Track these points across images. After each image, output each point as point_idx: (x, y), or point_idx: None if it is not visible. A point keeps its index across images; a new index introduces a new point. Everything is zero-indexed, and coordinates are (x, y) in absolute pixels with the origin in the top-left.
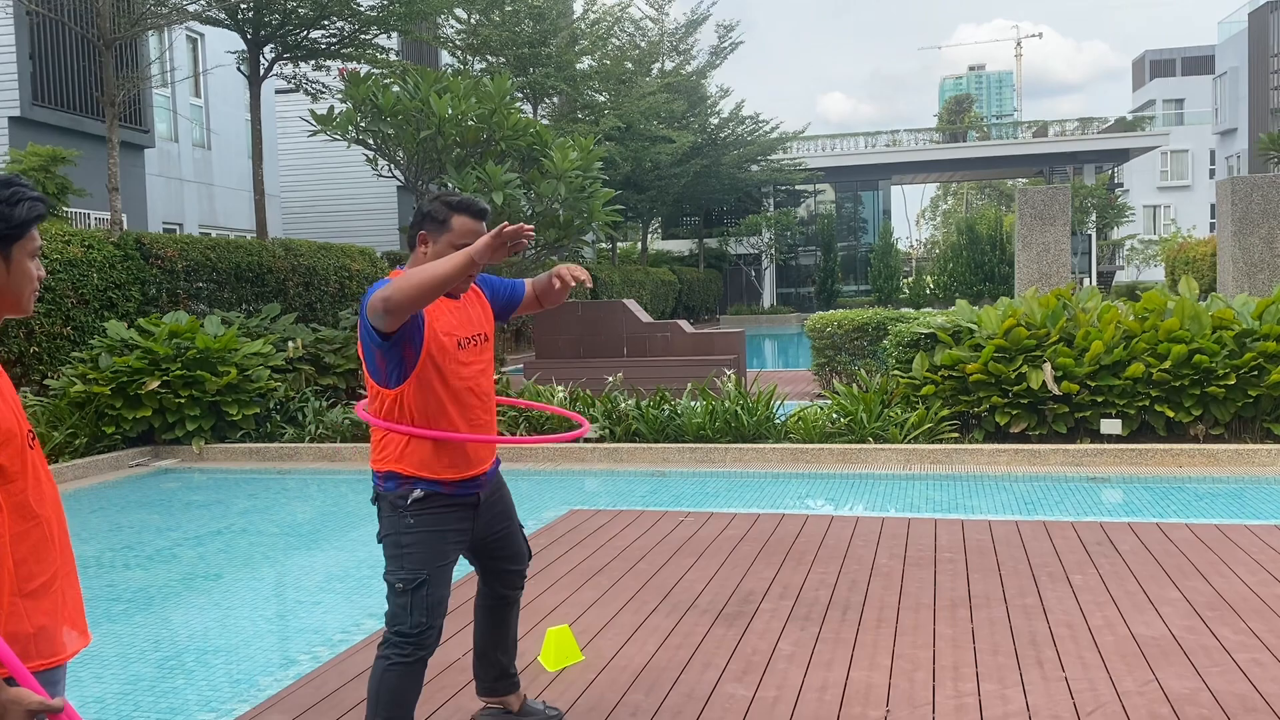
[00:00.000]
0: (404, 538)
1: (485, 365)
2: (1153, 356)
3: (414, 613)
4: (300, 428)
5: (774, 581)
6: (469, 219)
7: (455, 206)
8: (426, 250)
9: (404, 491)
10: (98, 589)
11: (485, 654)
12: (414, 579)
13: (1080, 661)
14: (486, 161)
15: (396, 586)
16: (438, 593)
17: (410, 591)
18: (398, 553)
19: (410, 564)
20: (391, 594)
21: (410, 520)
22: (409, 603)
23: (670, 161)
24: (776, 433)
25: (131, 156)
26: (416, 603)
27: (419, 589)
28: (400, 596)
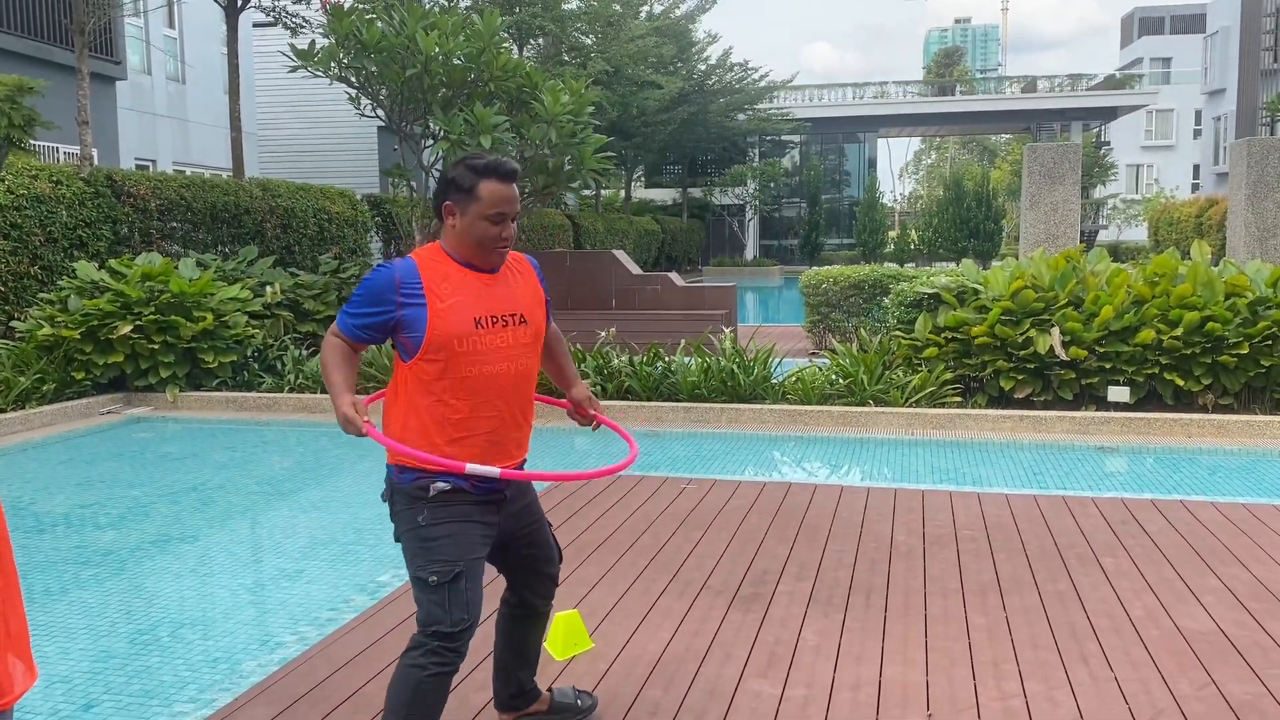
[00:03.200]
0: (430, 530)
1: (517, 353)
2: (1164, 323)
3: (453, 609)
4: (279, 377)
5: (789, 559)
6: (497, 183)
7: (482, 170)
8: (455, 223)
9: (424, 484)
10: (66, 550)
11: (505, 669)
12: (449, 571)
13: (1128, 659)
14: (474, 103)
15: (430, 581)
16: (475, 587)
17: (446, 585)
18: (425, 546)
19: (441, 556)
20: (424, 591)
21: (430, 514)
22: (445, 598)
23: (657, 108)
24: (774, 393)
25: (102, 89)
26: (455, 597)
27: (455, 581)
28: (435, 592)
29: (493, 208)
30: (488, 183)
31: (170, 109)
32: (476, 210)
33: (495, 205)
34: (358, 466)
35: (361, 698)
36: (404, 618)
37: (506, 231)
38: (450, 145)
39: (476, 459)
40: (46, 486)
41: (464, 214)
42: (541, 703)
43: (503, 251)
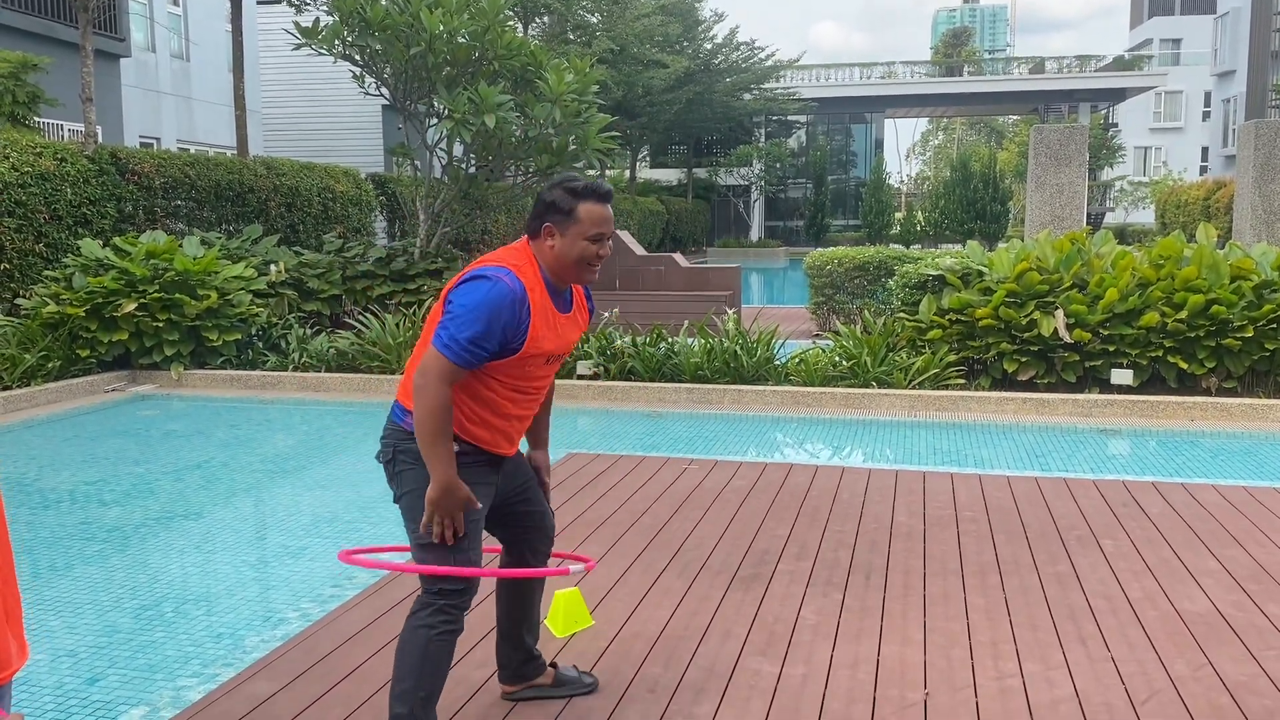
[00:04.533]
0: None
1: (547, 384)
2: (1168, 306)
3: (457, 565)
4: (283, 355)
5: (789, 540)
6: (595, 204)
7: (580, 193)
8: (554, 244)
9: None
10: (71, 526)
11: (509, 635)
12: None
13: (1125, 640)
14: (478, 82)
15: (435, 539)
16: (477, 545)
17: (445, 549)
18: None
19: None
20: (427, 552)
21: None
22: (452, 554)
23: (663, 87)
24: (777, 375)
25: (106, 66)
26: (459, 557)
27: (459, 542)
28: (436, 549)
29: (593, 228)
30: (586, 204)
31: (174, 87)
32: (576, 231)
33: (595, 226)
34: (361, 445)
35: (364, 672)
36: (407, 594)
37: (604, 250)
38: (454, 124)
39: (488, 444)
40: (51, 463)
41: (563, 235)
42: (546, 676)
43: (595, 269)
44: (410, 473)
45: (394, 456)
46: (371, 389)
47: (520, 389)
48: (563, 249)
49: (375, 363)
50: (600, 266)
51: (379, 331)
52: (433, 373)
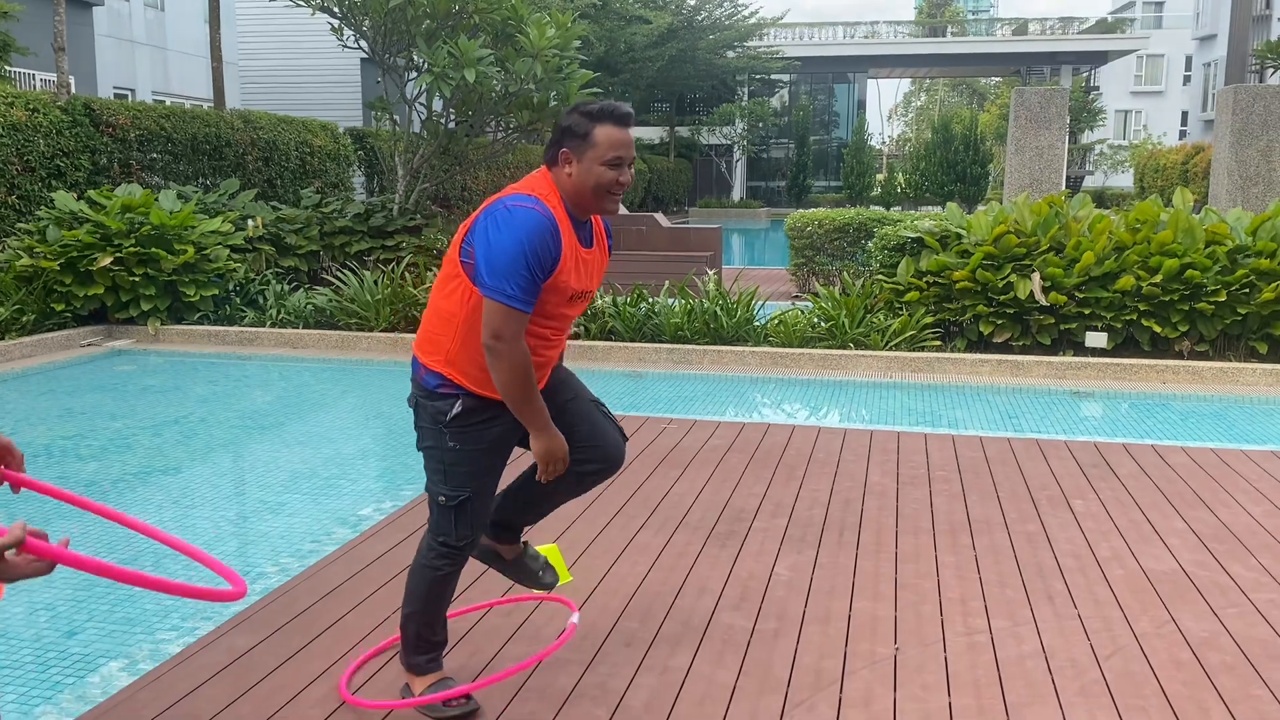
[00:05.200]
0: (447, 456)
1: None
2: (1144, 269)
3: (459, 526)
4: (261, 311)
5: (765, 498)
6: (613, 127)
7: (596, 115)
8: (571, 170)
9: (444, 406)
10: (47, 480)
11: (506, 509)
12: (457, 495)
13: (1092, 598)
14: (458, 36)
15: (439, 500)
16: (483, 506)
17: (454, 508)
18: (440, 469)
19: (454, 482)
20: (435, 506)
21: (452, 443)
22: (454, 518)
23: (645, 43)
24: (756, 335)
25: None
26: (461, 518)
27: (463, 505)
28: (443, 511)
29: (610, 151)
30: (603, 127)
31: (149, 37)
32: (593, 156)
33: (613, 149)
34: (341, 402)
35: (342, 627)
36: (391, 545)
37: (624, 176)
38: (434, 78)
39: None
40: (27, 418)
41: (580, 161)
42: (512, 549)
43: (617, 198)
44: (429, 430)
45: (415, 409)
46: (349, 346)
47: (540, 334)
48: (580, 176)
49: (353, 319)
50: (621, 195)
51: (357, 288)
52: (503, 329)
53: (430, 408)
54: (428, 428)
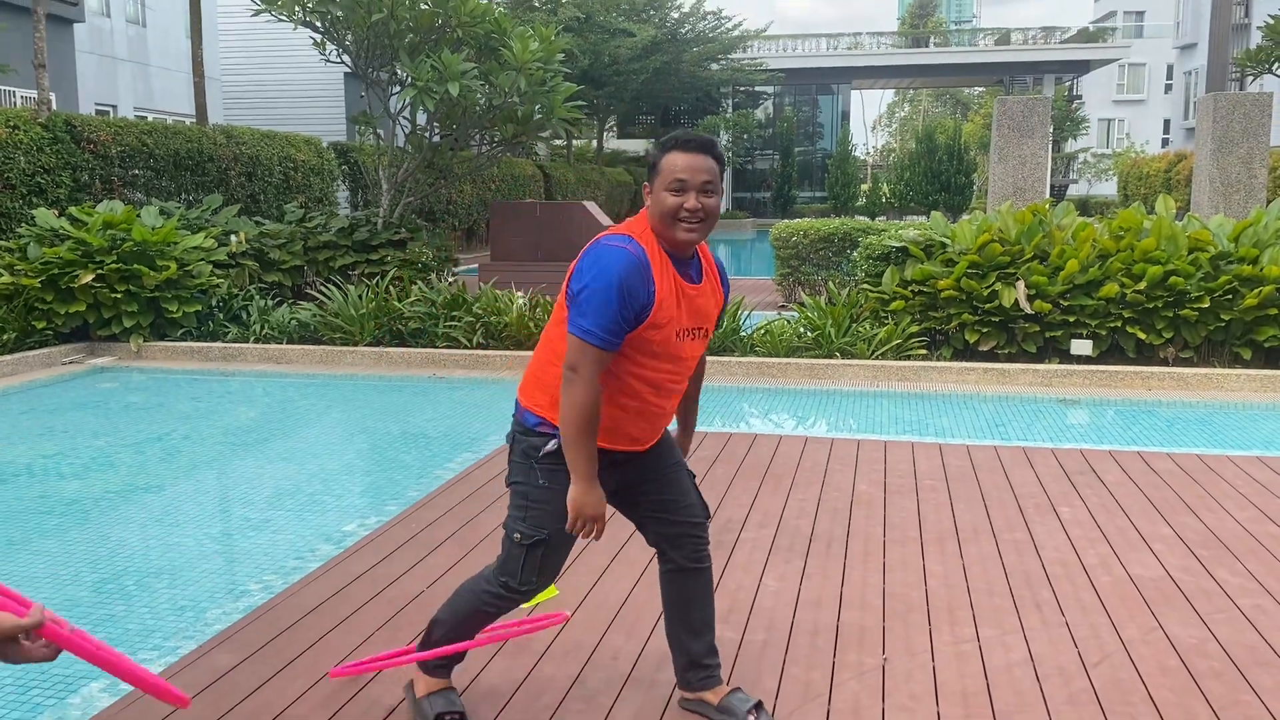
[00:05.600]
0: (532, 492)
1: (694, 362)
2: (1127, 277)
3: (525, 570)
4: (244, 327)
5: (752, 508)
6: (678, 152)
7: (665, 145)
8: (650, 202)
9: (539, 442)
10: (29, 500)
11: (671, 635)
12: (533, 536)
13: (1079, 605)
14: (442, 49)
15: (514, 537)
16: (555, 556)
17: (526, 548)
18: (523, 505)
19: (533, 521)
20: (508, 542)
21: (542, 480)
22: (523, 559)
23: (629, 56)
24: (743, 346)
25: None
26: (530, 561)
27: (535, 548)
28: (515, 549)
29: (672, 175)
30: (670, 154)
31: (131, 53)
32: (659, 184)
33: (673, 173)
34: (325, 417)
35: (325, 645)
36: (375, 561)
37: (689, 202)
38: (417, 92)
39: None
40: (8, 436)
41: (653, 190)
42: (714, 693)
43: (689, 227)
44: (519, 465)
45: (511, 443)
46: (333, 361)
47: (654, 380)
48: (654, 206)
49: (338, 334)
50: (696, 224)
51: (341, 303)
52: (580, 364)
53: (525, 442)
54: (519, 462)
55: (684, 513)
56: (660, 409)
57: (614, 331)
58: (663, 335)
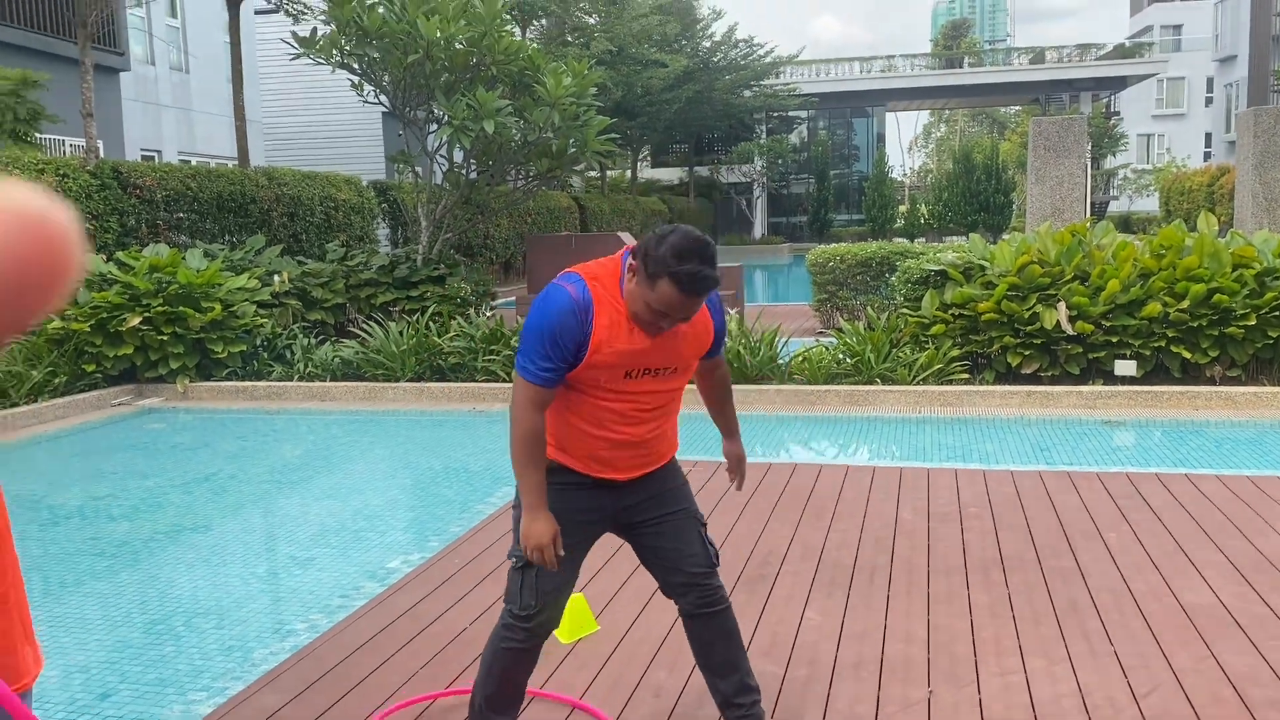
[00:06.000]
0: (518, 513)
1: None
2: (1170, 296)
3: (524, 593)
4: (288, 365)
5: (793, 540)
6: (675, 290)
7: (676, 270)
8: (631, 282)
9: None
10: (80, 542)
11: (703, 675)
12: (522, 557)
13: (1128, 633)
14: (477, 87)
15: (510, 560)
16: (550, 578)
17: (520, 570)
18: (516, 528)
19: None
20: (510, 569)
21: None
22: (520, 582)
23: (662, 87)
24: (780, 373)
25: (106, 80)
26: (526, 583)
27: (526, 570)
28: (513, 573)
29: (658, 304)
30: (673, 288)
31: (174, 99)
32: (650, 292)
33: (661, 304)
34: (368, 454)
35: (372, 683)
36: (414, 602)
37: (665, 325)
38: (454, 130)
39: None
40: (60, 479)
41: (638, 285)
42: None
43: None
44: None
45: None
46: (376, 397)
47: (615, 409)
48: (632, 293)
49: (380, 370)
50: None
51: (383, 339)
52: (518, 398)
53: None
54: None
55: (686, 563)
56: (632, 436)
57: (546, 369)
58: (609, 375)
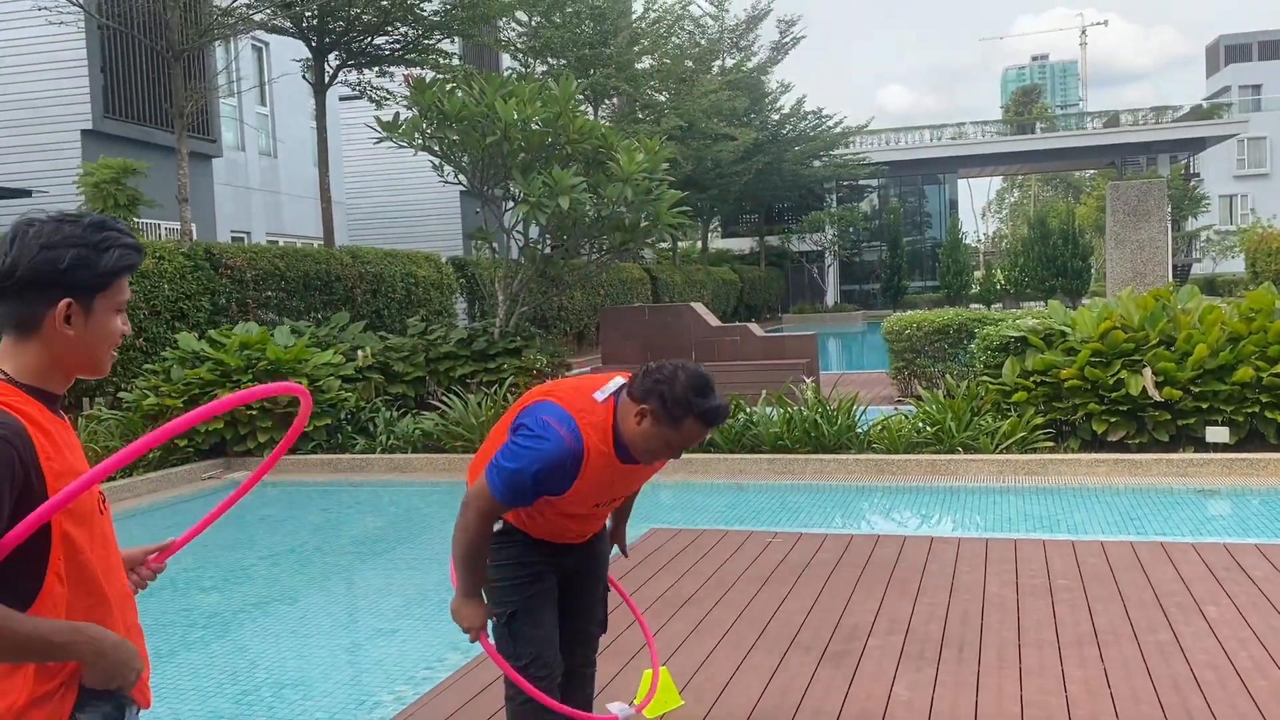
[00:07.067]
0: (491, 572)
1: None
2: (1262, 360)
3: (516, 643)
4: (371, 438)
5: (879, 614)
6: (701, 426)
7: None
8: (644, 426)
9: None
10: (173, 614)
11: None
12: (504, 613)
13: (1234, 711)
14: (552, 165)
15: (494, 619)
16: (534, 623)
17: (505, 625)
18: (490, 588)
19: (500, 596)
20: (496, 629)
21: (493, 554)
22: (509, 634)
23: (732, 159)
24: (859, 443)
25: (200, 166)
26: (515, 635)
27: (511, 621)
28: (501, 630)
29: (683, 441)
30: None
31: (263, 183)
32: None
33: (688, 441)
34: (449, 524)
35: None
36: (496, 675)
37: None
38: (530, 207)
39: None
40: None
41: (657, 426)
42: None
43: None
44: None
45: None
46: (456, 468)
47: (573, 514)
48: (646, 434)
49: (459, 442)
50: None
51: (462, 411)
52: (477, 503)
53: None
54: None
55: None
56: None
57: (517, 499)
58: (576, 505)
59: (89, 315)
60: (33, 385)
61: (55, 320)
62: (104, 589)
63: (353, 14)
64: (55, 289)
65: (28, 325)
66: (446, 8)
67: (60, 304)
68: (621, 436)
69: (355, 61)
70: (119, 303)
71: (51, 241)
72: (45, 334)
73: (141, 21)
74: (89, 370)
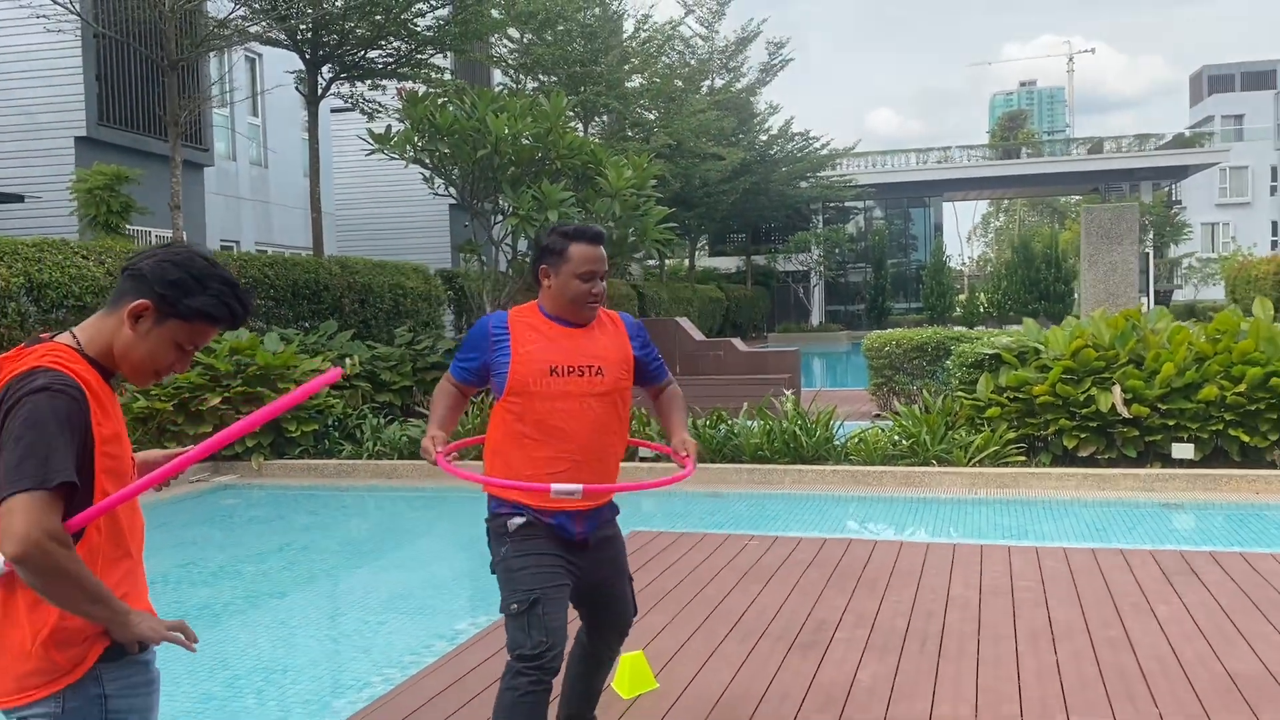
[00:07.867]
0: (513, 561)
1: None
2: (1227, 379)
3: (532, 632)
4: (358, 444)
5: (847, 609)
6: (585, 245)
7: (572, 235)
8: (550, 283)
9: (503, 521)
10: (163, 605)
11: (566, 698)
12: (527, 598)
13: (1175, 699)
14: (541, 180)
15: (512, 609)
16: (554, 613)
17: (526, 612)
18: (509, 577)
19: (523, 585)
20: (509, 620)
21: (512, 547)
22: (527, 622)
23: (719, 178)
24: (836, 454)
25: (191, 175)
26: (534, 621)
27: (534, 607)
28: (517, 619)
29: (582, 266)
30: (577, 245)
31: (253, 192)
32: (568, 270)
33: (584, 264)
34: (434, 528)
35: None
36: (487, 655)
37: (596, 288)
38: (519, 221)
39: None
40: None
41: (557, 274)
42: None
43: (594, 306)
44: (493, 547)
45: (487, 530)
46: (441, 475)
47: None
48: (558, 288)
49: None
50: (597, 305)
51: None
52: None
53: (494, 526)
54: (494, 544)
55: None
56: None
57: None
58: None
59: (155, 327)
60: (94, 357)
61: (131, 311)
62: (129, 543)
63: (346, 28)
64: (150, 289)
65: (115, 304)
66: (440, 23)
67: (141, 300)
68: (548, 309)
69: (348, 74)
70: (187, 339)
71: (180, 262)
72: (119, 319)
73: (137, 31)
74: (128, 373)
